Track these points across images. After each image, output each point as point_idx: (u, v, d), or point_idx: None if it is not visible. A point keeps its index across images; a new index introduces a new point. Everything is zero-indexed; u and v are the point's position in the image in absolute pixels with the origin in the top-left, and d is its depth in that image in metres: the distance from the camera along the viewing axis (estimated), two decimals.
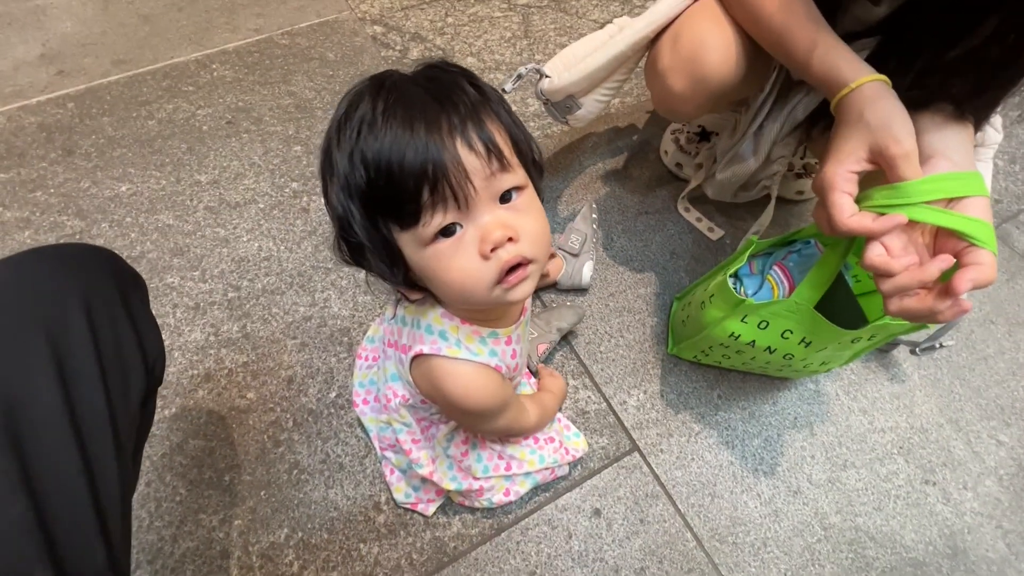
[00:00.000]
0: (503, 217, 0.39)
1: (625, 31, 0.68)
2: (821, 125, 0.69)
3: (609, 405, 0.77)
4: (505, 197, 0.39)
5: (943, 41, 0.52)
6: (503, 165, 0.38)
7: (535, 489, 0.68)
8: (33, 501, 0.32)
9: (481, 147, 0.37)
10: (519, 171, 0.40)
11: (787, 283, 0.64)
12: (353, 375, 0.73)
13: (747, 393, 0.79)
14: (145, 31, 1.19)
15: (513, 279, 0.40)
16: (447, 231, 0.38)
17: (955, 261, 0.44)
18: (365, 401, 0.70)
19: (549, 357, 0.80)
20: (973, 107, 0.51)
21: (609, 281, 0.88)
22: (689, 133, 0.98)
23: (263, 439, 0.72)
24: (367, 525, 0.67)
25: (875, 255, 0.45)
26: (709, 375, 0.80)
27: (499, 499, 0.65)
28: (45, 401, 0.34)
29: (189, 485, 0.69)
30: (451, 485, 0.62)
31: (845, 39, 0.53)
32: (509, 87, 0.68)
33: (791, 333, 0.59)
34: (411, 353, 0.48)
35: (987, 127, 0.62)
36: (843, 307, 0.63)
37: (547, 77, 0.73)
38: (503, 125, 0.40)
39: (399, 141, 0.36)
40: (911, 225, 0.46)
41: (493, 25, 1.24)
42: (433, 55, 1.17)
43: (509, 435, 0.65)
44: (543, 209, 0.43)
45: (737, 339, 0.62)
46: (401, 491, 0.66)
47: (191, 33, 1.19)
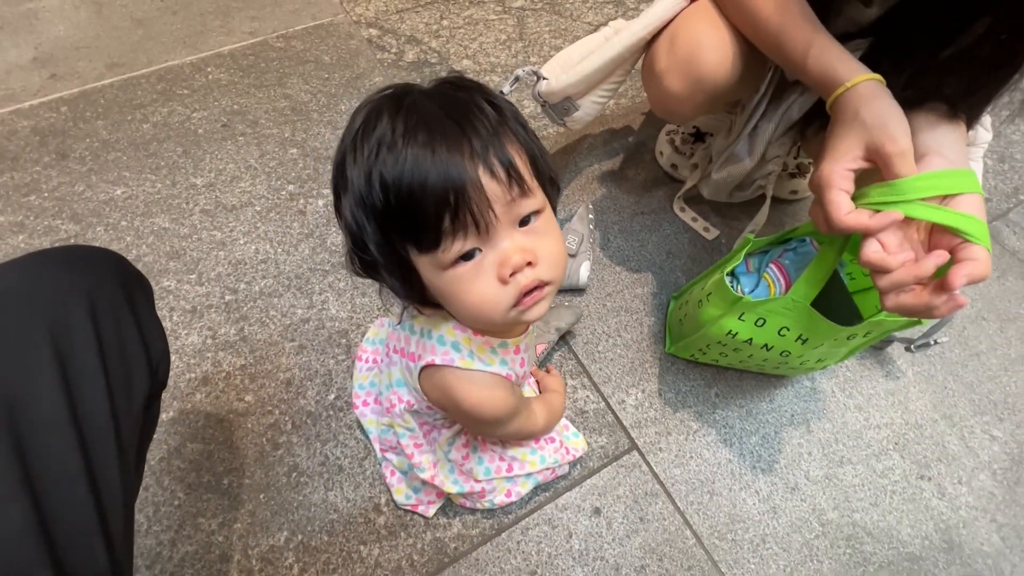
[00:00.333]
0: (522, 242, 0.39)
1: (622, 33, 0.68)
2: (816, 125, 0.70)
3: (608, 404, 0.77)
4: (524, 220, 0.39)
5: (935, 41, 0.53)
6: (523, 190, 0.38)
7: (535, 489, 0.69)
8: (34, 503, 0.31)
9: (502, 173, 0.36)
10: (538, 194, 0.40)
11: (783, 281, 0.65)
12: (353, 377, 0.73)
13: (744, 391, 0.80)
14: (139, 34, 1.19)
15: (529, 301, 0.40)
16: (467, 256, 0.38)
17: (950, 257, 0.45)
18: (365, 403, 0.70)
19: (547, 357, 0.80)
20: (966, 106, 0.52)
21: (606, 281, 0.88)
22: (684, 134, 0.99)
23: (262, 442, 0.72)
24: (367, 527, 0.67)
25: (872, 251, 0.46)
26: (707, 374, 0.80)
27: (501, 500, 0.65)
28: (47, 402, 0.34)
29: (187, 489, 0.68)
30: (453, 488, 0.62)
31: (838, 40, 0.54)
32: (507, 90, 0.69)
33: (788, 330, 0.60)
34: (421, 363, 0.48)
35: (977, 126, 0.63)
36: (839, 304, 0.64)
37: (544, 79, 0.73)
38: (521, 145, 0.40)
39: (420, 166, 0.35)
40: (906, 222, 0.47)
41: (488, 28, 1.25)
42: (429, 58, 1.18)
43: (519, 439, 0.65)
44: (560, 230, 0.43)
45: (734, 337, 0.62)
46: (402, 492, 0.66)
47: (185, 36, 1.19)
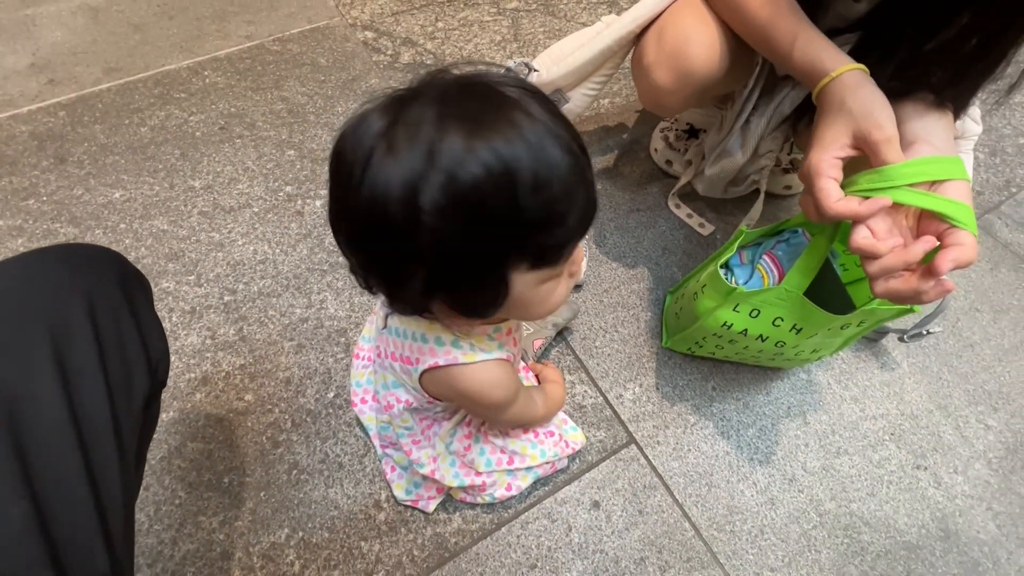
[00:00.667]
0: None
1: (612, 27, 0.69)
2: (807, 119, 0.71)
3: (605, 399, 0.77)
4: None
5: (921, 34, 0.54)
6: None
7: (534, 483, 0.69)
8: (34, 503, 0.31)
9: None
10: None
11: (776, 272, 0.66)
12: (350, 375, 0.74)
13: (741, 384, 0.80)
14: (136, 39, 1.20)
15: None
16: None
17: (938, 243, 0.46)
18: (363, 400, 0.71)
19: (545, 352, 0.80)
20: (952, 95, 0.53)
21: (603, 277, 0.89)
22: (678, 131, 1.00)
23: (262, 440, 0.72)
24: (368, 523, 0.67)
25: (861, 237, 0.46)
26: (703, 367, 0.81)
27: (501, 494, 0.66)
28: (47, 401, 0.34)
29: (188, 488, 0.69)
30: (454, 482, 0.63)
31: (827, 35, 0.55)
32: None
33: (782, 320, 0.60)
34: (421, 366, 0.48)
35: (966, 119, 0.64)
36: (832, 295, 0.64)
37: (535, 71, 0.74)
38: None
39: (568, 174, 0.33)
40: (895, 208, 0.48)
41: (483, 29, 1.26)
42: (424, 60, 1.19)
43: (520, 424, 0.65)
44: None
45: (729, 328, 0.63)
46: (402, 488, 0.67)
47: (182, 41, 1.20)
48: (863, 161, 0.49)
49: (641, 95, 0.75)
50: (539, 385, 0.69)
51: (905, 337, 0.78)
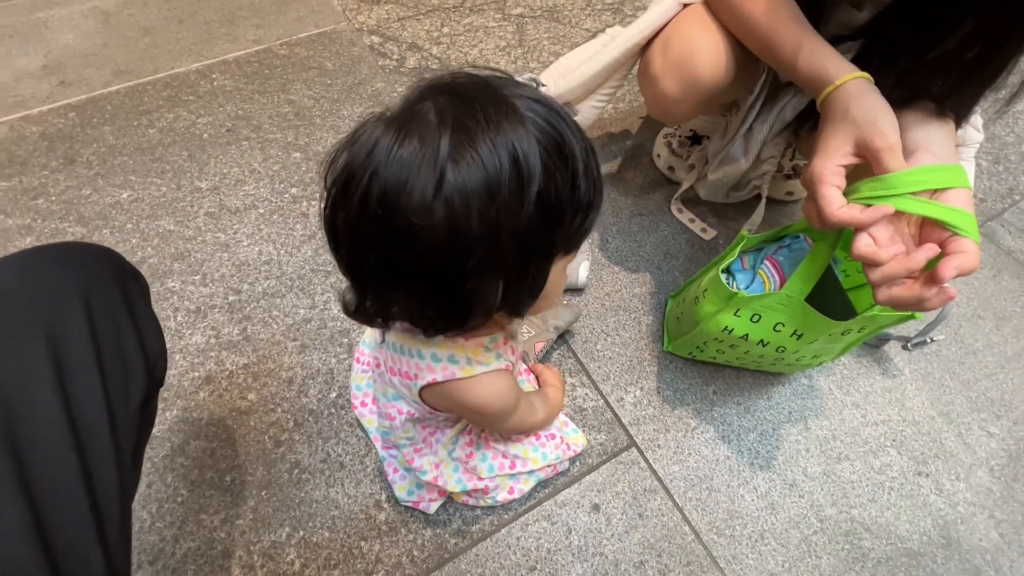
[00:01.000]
0: None
1: (618, 39, 0.70)
2: (809, 125, 0.71)
3: (606, 402, 0.78)
4: None
5: (923, 42, 0.55)
6: None
7: (535, 486, 0.69)
8: (30, 504, 0.31)
9: None
10: None
11: (778, 277, 0.66)
12: (351, 377, 0.74)
13: (742, 389, 0.80)
14: (146, 42, 1.21)
15: None
16: None
17: (940, 250, 0.46)
18: (364, 403, 0.71)
19: (546, 355, 0.81)
20: (953, 104, 0.53)
21: (605, 281, 0.89)
22: (681, 137, 1.00)
23: (264, 439, 0.73)
24: (368, 523, 0.67)
25: (863, 245, 0.47)
26: (704, 371, 0.81)
27: (503, 497, 0.66)
28: (43, 401, 0.33)
29: (190, 486, 0.69)
30: (456, 487, 0.63)
31: (830, 43, 0.56)
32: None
33: (783, 326, 0.60)
34: (420, 382, 0.48)
35: (968, 127, 0.65)
36: (833, 301, 0.64)
37: (543, 86, 0.75)
38: None
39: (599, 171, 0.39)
40: (897, 216, 0.48)
41: (488, 35, 1.27)
42: (430, 64, 1.20)
43: (521, 432, 0.65)
44: None
45: (730, 333, 0.63)
46: (404, 489, 0.67)
47: (191, 44, 1.21)
48: (866, 169, 0.49)
49: (648, 104, 0.76)
50: (538, 390, 0.69)
51: (909, 345, 0.78)
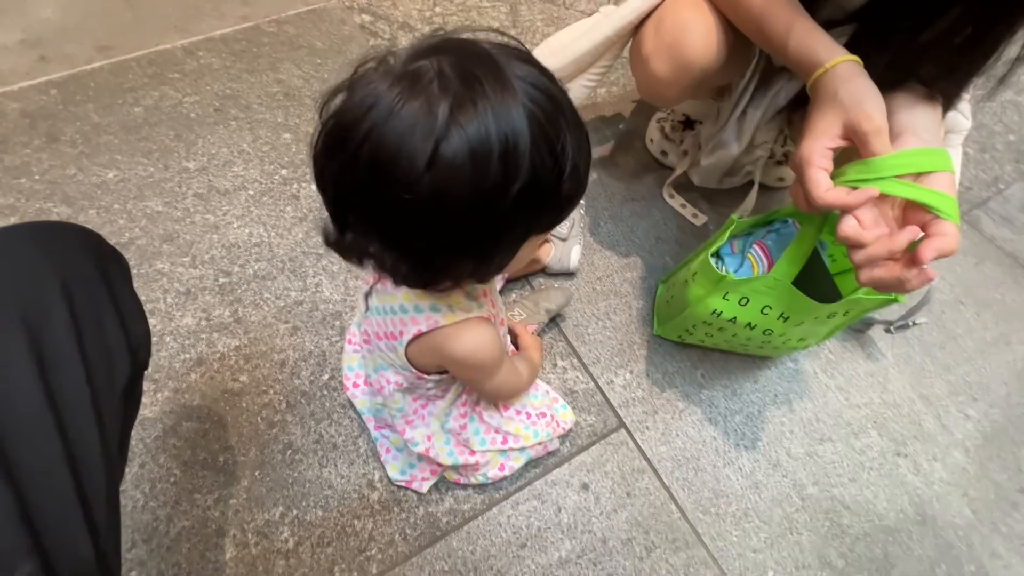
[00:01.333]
0: None
1: (611, 17, 0.70)
2: (802, 111, 0.71)
3: (596, 385, 0.79)
4: None
5: (914, 26, 0.55)
6: None
7: (525, 465, 0.70)
8: (15, 491, 0.31)
9: None
10: None
11: (766, 261, 0.67)
12: (343, 359, 0.74)
13: (729, 372, 0.82)
14: (129, 17, 1.18)
15: None
16: None
17: (922, 233, 0.47)
18: (356, 384, 0.72)
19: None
20: (942, 88, 0.54)
21: (596, 265, 0.90)
22: (674, 121, 1.00)
23: (256, 421, 0.73)
24: (361, 502, 0.68)
25: (848, 227, 0.48)
26: (693, 355, 0.82)
27: (494, 474, 0.67)
28: (24, 389, 0.33)
29: (183, 466, 0.69)
30: (448, 460, 0.64)
31: (825, 27, 0.56)
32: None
33: (770, 308, 0.61)
34: (405, 337, 0.49)
35: (957, 114, 0.65)
36: (819, 285, 0.66)
37: None
38: None
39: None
40: (882, 199, 0.49)
41: (481, 15, 1.25)
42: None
43: (507, 393, 0.65)
44: None
45: (719, 316, 0.64)
46: (396, 469, 0.68)
47: (176, 20, 1.18)
48: (854, 152, 0.50)
49: (639, 85, 0.75)
50: (518, 353, 0.69)
51: (891, 328, 0.79)
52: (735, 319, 0.64)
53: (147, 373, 0.47)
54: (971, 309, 0.92)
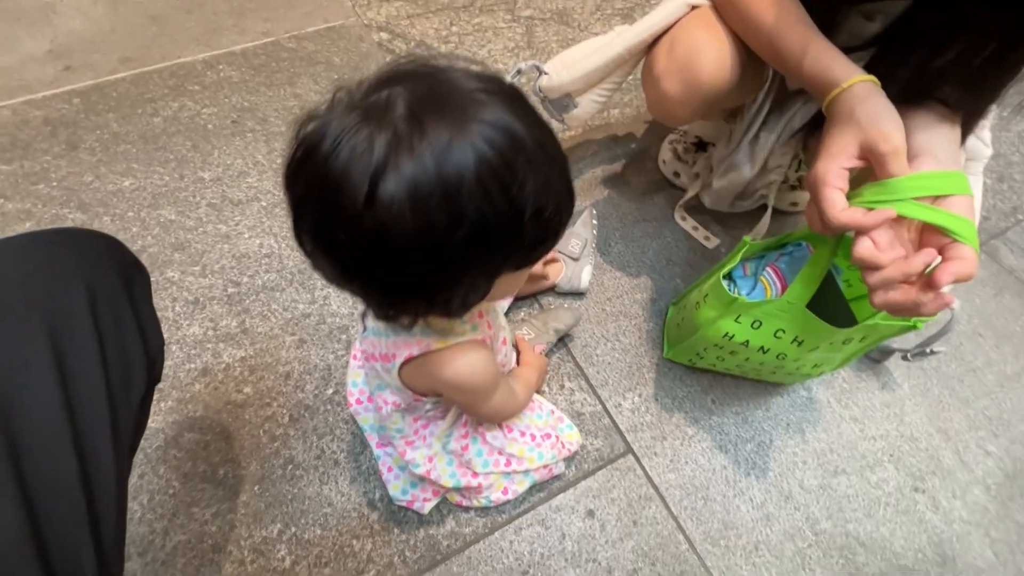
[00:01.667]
0: None
1: (624, 35, 0.70)
2: (817, 135, 0.71)
3: (604, 407, 0.77)
4: None
5: (933, 48, 0.54)
6: None
7: (529, 489, 0.69)
8: (28, 507, 0.30)
9: None
10: None
11: (779, 284, 0.66)
12: (347, 374, 0.73)
13: (740, 398, 0.80)
14: (153, 31, 1.21)
15: None
16: None
17: (939, 256, 0.46)
18: (359, 401, 0.70)
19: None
20: (961, 110, 0.53)
21: (606, 286, 0.89)
22: (686, 143, 1.00)
23: (259, 434, 0.72)
24: (361, 522, 0.67)
25: (864, 248, 0.46)
26: (703, 380, 0.81)
27: (497, 497, 0.65)
28: (43, 398, 0.32)
29: (183, 478, 0.68)
30: (450, 482, 0.62)
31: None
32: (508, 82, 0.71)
33: (784, 332, 0.60)
34: (398, 360, 0.48)
35: (977, 142, 0.64)
36: (835, 310, 0.64)
37: (545, 74, 0.75)
38: None
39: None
40: (898, 221, 0.48)
41: (497, 35, 1.27)
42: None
43: (503, 416, 0.64)
44: None
45: (731, 339, 0.63)
46: (398, 488, 0.66)
47: (199, 34, 1.21)
48: (870, 173, 0.49)
49: (649, 104, 0.75)
50: (512, 371, 0.67)
51: (909, 355, 0.77)
52: (747, 342, 0.63)
53: None
54: (990, 341, 0.90)
